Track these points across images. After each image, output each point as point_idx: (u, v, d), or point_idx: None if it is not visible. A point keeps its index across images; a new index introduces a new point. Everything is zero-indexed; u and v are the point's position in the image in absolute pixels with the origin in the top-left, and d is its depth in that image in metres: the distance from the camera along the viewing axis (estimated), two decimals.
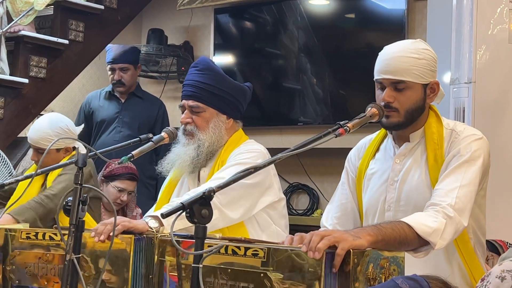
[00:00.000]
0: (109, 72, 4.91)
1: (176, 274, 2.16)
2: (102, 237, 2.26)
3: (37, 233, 2.45)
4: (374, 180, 2.51)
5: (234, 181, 1.98)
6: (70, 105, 5.73)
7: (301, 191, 5.37)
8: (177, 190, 2.91)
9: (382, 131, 2.57)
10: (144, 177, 4.88)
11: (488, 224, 2.53)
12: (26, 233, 2.47)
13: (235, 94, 2.87)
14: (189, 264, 2.10)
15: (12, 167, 4.32)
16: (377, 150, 2.56)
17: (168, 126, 3.56)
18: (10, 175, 4.20)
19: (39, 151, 3.41)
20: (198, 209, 1.82)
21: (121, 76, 4.86)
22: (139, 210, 4.28)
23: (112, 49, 4.94)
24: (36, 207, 3.19)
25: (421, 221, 2.12)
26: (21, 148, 4.86)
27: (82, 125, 3.90)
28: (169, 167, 2.90)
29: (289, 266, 1.89)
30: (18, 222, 3.09)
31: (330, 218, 2.60)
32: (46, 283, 2.40)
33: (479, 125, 3.32)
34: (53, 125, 3.45)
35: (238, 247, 1.99)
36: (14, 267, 2.47)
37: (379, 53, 2.44)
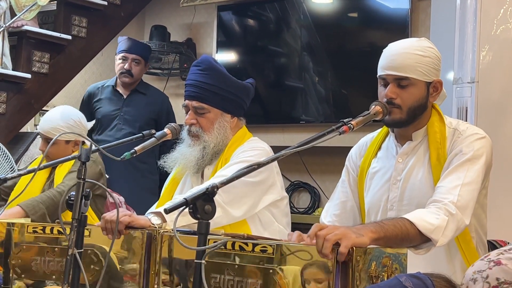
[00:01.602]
0: (119, 61, 4.85)
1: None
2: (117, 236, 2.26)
3: (44, 227, 2.45)
4: (376, 179, 2.50)
5: (237, 178, 1.97)
6: (72, 101, 5.72)
7: (303, 189, 5.37)
8: (180, 188, 2.90)
9: (383, 129, 2.57)
10: (147, 172, 4.88)
11: (490, 224, 2.53)
12: (33, 227, 2.47)
13: (239, 93, 2.86)
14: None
15: (13, 162, 4.32)
16: (379, 148, 2.55)
17: (174, 120, 3.56)
18: (12, 170, 4.21)
19: (48, 141, 3.41)
20: (201, 204, 1.81)
21: (132, 67, 4.84)
22: (122, 198, 4.21)
23: (126, 39, 4.92)
24: (47, 202, 3.19)
25: (423, 218, 2.12)
26: (23, 143, 4.86)
27: (94, 121, 3.89)
28: (173, 165, 2.91)
29: (298, 263, 1.89)
30: (27, 215, 3.09)
31: (330, 215, 2.60)
32: (53, 277, 2.40)
33: (481, 125, 3.31)
34: (65, 116, 3.46)
35: (246, 243, 1.99)
36: (19, 261, 2.47)
37: (383, 50, 2.44)
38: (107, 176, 4.09)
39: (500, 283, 1.69)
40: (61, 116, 3.47)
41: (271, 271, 1.93)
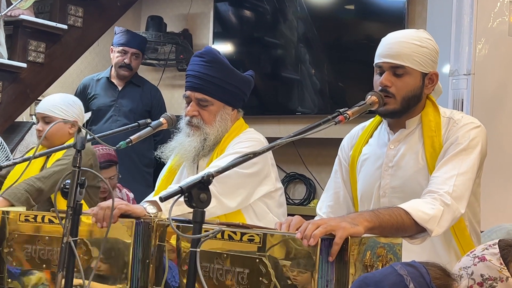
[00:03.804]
0: (117, 54, 4.86)
1: (176, 258, 2.16)
2: (104, 224, 2.26)
3: (36, 215, 2.45)
4: (367, 165, 2.51)
5: (233, 166, 1.97)
6: (68, 91, 5.67)
7: (298, 181, 5.37)
8: (177, 178, 2.90)
9: (376, 118, 2.57)
10: (142, 165, 4.89)
11: (486, 216, 2.54)
12: (25, 216, 2.46)
13: (242, 86, 2.86)
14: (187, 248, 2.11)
15: (9, 151, 4.31)
16: (371, 136, 2.56)
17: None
18: (7, 159, 4.20)
19: (45, 119, 3.43)
20: (197, 193, 1.81)
21: (131, 61, 4.86)
22: (131, 195, 4.25)
23: (124, 32, 4.92)
24: (28, 189, 3.19)
25: (418, 208, 2.12)
26: (18, 132, 4.84)
27: (90, 113, 3.91)
28: (170, 154, 2.91)
29: (284, 252, 1.89)
30: (12, 204, 3.09)
31: (325, 206, 2.61)
32: (44, 265, 2.40)
33: (477, 116, 3.28)
34: (64, 97, 3.55)
35: (234, 233, 1.99)
36: (12, 249, 2.46)
37: (382, 39, 2.44)
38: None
39: (485, 279, 1.71)
40: (60, 97, 3.56)
41: (257, 260, 1.93)
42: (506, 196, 3.50)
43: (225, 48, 5.59)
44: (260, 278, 1.91)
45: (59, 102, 3.48)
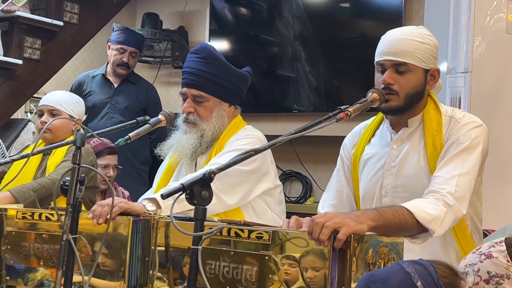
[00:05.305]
0: (115, 52, 4.85)
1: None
2: (100, 220, 2.24)
3: (33, 213, 2.43)
4: (370, 165, 2.50)
5: (234, 163, 1.96)
6: (63, 88, 5.67)
7: (295, 178, 5.37)
8: (175, 175, 2.90)
9: (378, 116, 2.57)
10: (137, 163, 4.87)
11: (484, 215, 2.53)
12: (22, 213, 2.45)
13: (238, 82, 2.86)
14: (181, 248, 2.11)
15: (5, 148, 4.30)
16: (373, 135, 2.55)
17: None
18: (3, 156, 4.18)
19: (53, 112, 3.43)
20: (198, 190, 1.80)
21: (129, 59, 4.86)
22: (127, 193, 4.23)
23: (123, 30, 4.90)
24: (38, 190, 3.17)
25: (421, 208, 2.12)
26: (14, 130, 4.83)
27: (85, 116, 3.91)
28: (168, 152, 2.90)
29: (294, 249, 1.89)
30: (17, 201, 3.07)
31: (327, 206, 2.60)
32: (42, 263, 2.38)
33: (474, 114, 3.32)
34: (72, 96, 3.60)
35: (242, 230, 1.99)
36: (9, 247, 2.45)
37: (382, 37, 2.43)
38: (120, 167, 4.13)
39: (491, 277, 1.71)
40: (67, 94, 3.61)
41: (266, 257, 1.93)
42: (503, 194, 3.51)
43: (221, 45, 5.57)
44: (270, 276, 1.91)
45: (68, 98, 3.51)
